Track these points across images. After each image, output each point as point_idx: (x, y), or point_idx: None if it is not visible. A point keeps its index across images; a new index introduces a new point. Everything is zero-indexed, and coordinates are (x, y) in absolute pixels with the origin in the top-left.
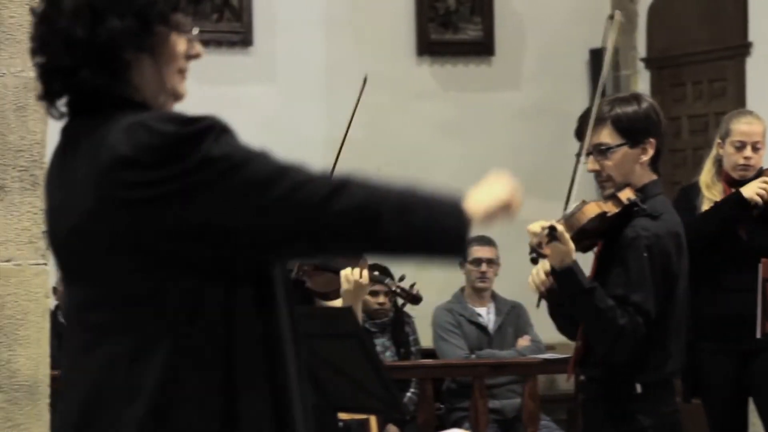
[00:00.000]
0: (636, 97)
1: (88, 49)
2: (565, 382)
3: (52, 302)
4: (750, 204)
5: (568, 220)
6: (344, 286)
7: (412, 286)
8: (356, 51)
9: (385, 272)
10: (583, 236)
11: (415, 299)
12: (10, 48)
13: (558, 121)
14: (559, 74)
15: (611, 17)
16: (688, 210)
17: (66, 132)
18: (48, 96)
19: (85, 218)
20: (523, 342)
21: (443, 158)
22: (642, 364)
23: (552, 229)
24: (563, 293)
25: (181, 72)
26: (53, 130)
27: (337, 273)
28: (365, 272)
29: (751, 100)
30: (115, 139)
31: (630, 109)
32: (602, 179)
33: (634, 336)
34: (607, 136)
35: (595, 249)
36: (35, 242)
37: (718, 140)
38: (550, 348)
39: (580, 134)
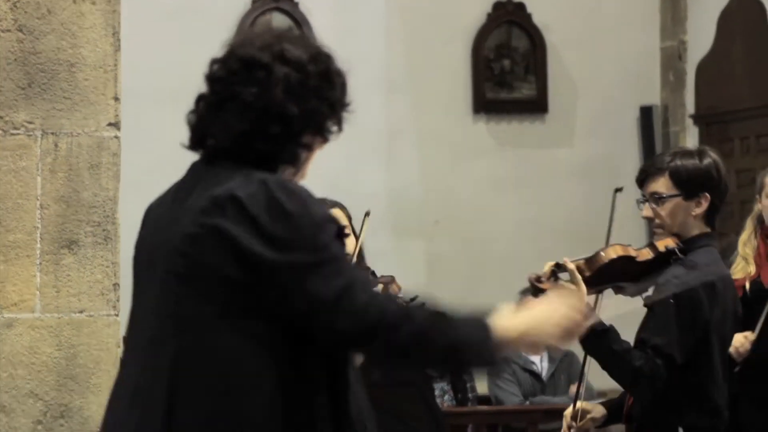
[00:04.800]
0: (700, 152)
1: (299, 125)
2: (615, 428)
3: (121, 351)
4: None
5: (588, 260)
6: None
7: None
8: (415, 110)
9: None
10: (602, 278)
11: None
12: (84, 109)
13: (610, 177)
14: (610, 131)
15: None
16: None
17: (192, 171)
18: (205, 141)
19: (181, 241)
20: (576, 389)
21: (498, 213)
22: (685, 412)
23: (557, 266)
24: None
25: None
26: (125, 188)
27: None
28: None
29: None
30: (237, 184)
31: (690, 162)
32: (655, 226)
33: (652, 377)
34: (662, 185)
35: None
36: (107, 294)
37: (757, 197)
38: (602, 395)
39: (641, 183)
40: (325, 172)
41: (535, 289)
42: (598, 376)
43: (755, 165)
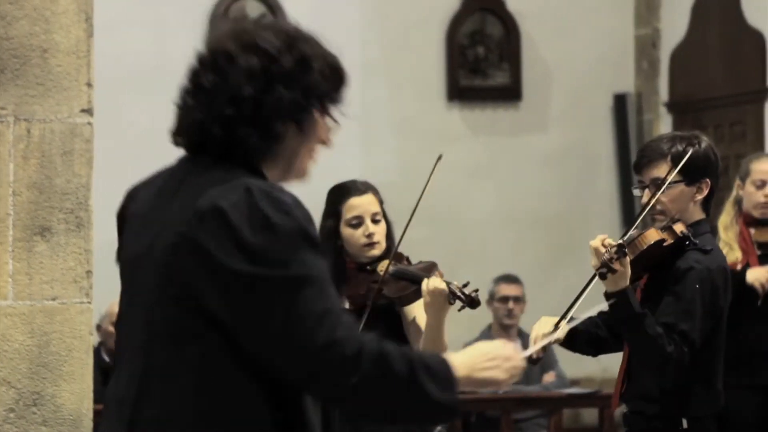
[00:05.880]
0: (696, 137)
1: (252, 108)
2: (588, 416)
3: (95, 339)
4: (749, 286)
5: (630, 244)
6: (426, 299)
7: (475, 291)
8: (389, 98)
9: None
10: (641, 262)
11: (473, 302)
12: (57, 95)
13: (583, 164)
14: (584, 119)
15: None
16: None
17: (177, 167)
18: (180, 134)
19: (162, 251)
20: (549, 377)
21: (472, 200)
22: (689, 398)
23: (622, 246)
24: (614, 317)
25: (313, 155)
26: (98, 174)
27: (412, 281)
28: (443, 284)
29: None
30: (221, 192)
31: (690, 148)
32: (656, 212)
33: (679, 364)
34: (664, 171)
35: (640, 282)
36: (79, 282)
37: (738, 182)
38: (575, 383)
39: (638, 168)
40: None
41: (609, 269)
42: (570, 364)
43: (729, 153)
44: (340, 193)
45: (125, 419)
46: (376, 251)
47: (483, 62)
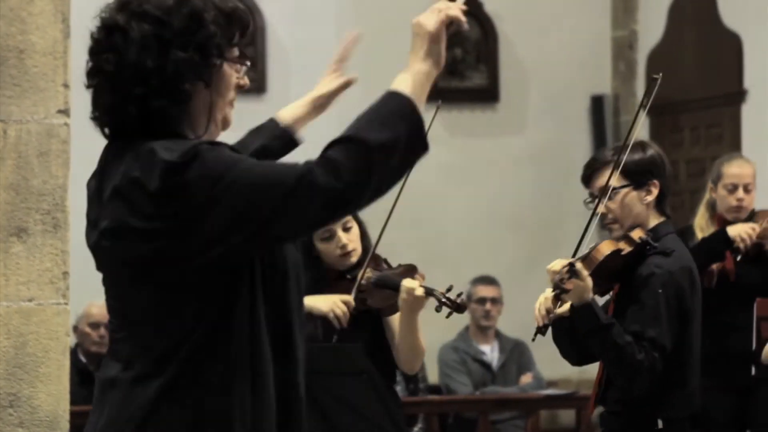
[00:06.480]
0: (641, 144)
1: (158, 79)
2: (566, 417)
3: (72, 340)
4: (732, 242)
5: (585, 259)
6: (402, 296)
7: (458, 295)
8: (366, 98)
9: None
10: (602, 274)
11: (460, 308)
12: (33, 96)
13: (560, 165)
14: (561, 121)
15: (654, 78)
16: None
17: (104, 154)
18: (99, 119)
19: (102, 234)
20: (526, 379)
21: (449, 202)
22: (664, 399)
23: (572, 265)
24: (581, 329)
25: (231, 102)
26: (75, 175)
27: (395, 290)
28: (420, 287)
29: (747, 145)
30: (129, 163)
31: (635, 153)
32: (608, 221)
33: (651, 371)
34: (611, 178)
35: (611, 293)
36: (56, 283)
37: (710, 185)
38: (552, 384)
39: (587, 180)
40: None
41: (561, 290)
42: (548, 365)
43: (705, 155)
44: None
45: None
46: (353, 258)
47: (460, 64)
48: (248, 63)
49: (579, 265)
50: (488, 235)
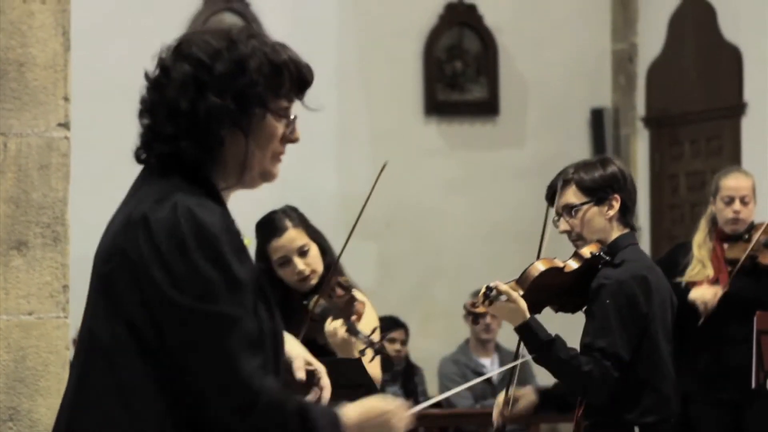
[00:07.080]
0: (603, 160)
1: (188, 121)
2: (565, 431)
3: (71, 354)
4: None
5: (518, 280)
6: (328, 339)
7: (381, 339)
8: (367, 111)
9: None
10: (539, 292)
11: (382, 352)
12: (34, 109)
13: None
14: (561, 133)
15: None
16: (668, 269)
17: (135, 182)
18: (141, 154)
19: (101, 259)
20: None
21: (449, 215)
22: (636, 405)
23: (488, 288)
24: (528, 349)
25: (276, 155)
26: (75, 189)
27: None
28: (341, 329)
29: (746, 158)
30: (150, 206)
31: (594, 170)
32: (574, 238)
33: (604, 380)
34: (572, 195)
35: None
36: (56, 296)
37: (711, 198)
38: None
39: (550, 200)
40: None
41: (473, 315)
42: (547, 379)
43: (705, 168)
44: (262, 235)
45: (62, 429)
46: (313, 281)
47: (460, 77)
48: (291, 116)
49: (503, 288)
50: (488, 247)
